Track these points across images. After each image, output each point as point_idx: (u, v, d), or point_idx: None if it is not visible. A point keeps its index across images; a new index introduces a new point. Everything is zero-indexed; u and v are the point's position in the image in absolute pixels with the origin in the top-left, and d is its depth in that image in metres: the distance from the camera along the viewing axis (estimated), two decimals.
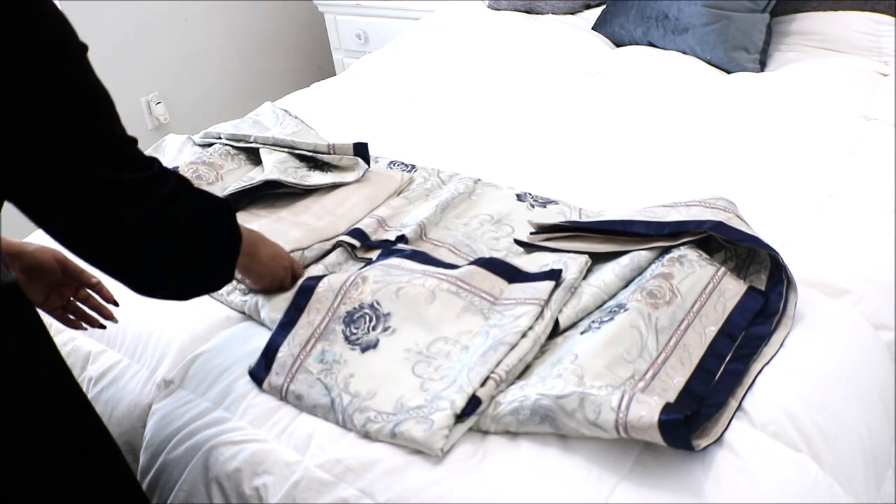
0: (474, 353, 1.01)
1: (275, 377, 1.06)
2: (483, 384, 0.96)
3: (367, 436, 0.97)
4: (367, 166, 1.51)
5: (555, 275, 1.10)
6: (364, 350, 1.06)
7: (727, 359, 1.00)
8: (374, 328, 1.08)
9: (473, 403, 0.95)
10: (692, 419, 0.88)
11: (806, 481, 0.90)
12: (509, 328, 1.02)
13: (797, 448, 0.93)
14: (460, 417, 0.94)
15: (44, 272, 1.02)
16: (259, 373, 1.08)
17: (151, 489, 1.05)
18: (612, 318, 1.01)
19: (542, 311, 1.05)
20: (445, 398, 0.96)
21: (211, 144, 1.64)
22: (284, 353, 1.08)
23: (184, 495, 1.02)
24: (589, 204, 1.40)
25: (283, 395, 1.05)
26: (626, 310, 1.01)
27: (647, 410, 0.84)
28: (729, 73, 1.92)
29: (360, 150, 1.50)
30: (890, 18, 1.90)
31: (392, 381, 1.02)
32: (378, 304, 1.10)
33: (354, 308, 1.10)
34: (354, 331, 1.08)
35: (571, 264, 1.14)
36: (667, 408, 0.84)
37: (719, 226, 1.11)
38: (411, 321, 1.08)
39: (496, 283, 1.12)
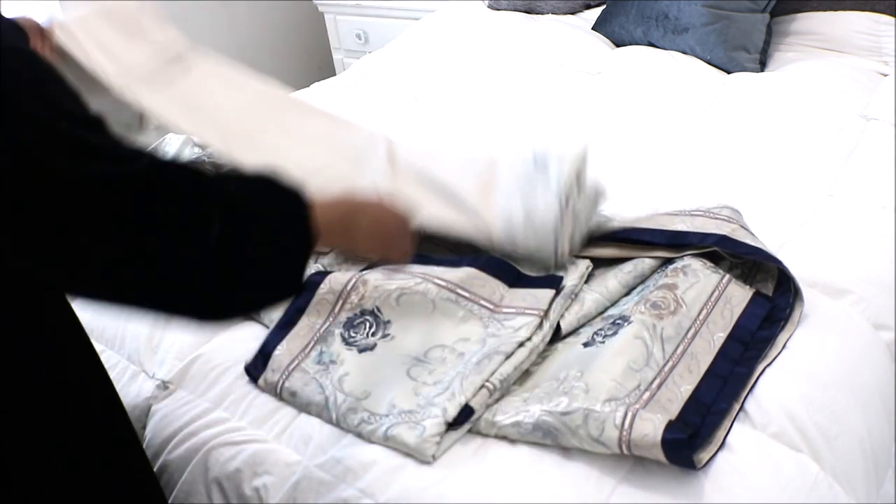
0: (469, 360, 1.01)
1: (270, 373, 1.06)
2: (476, 393, 0.96)
3: (360, 436, 0.97)
4: None
5: (555, 282, 1.10)
6: (361, 351, 1.06)
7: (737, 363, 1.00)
8: (373, 334, 1.08)
9: (466, 413, 0.95)
10: (695, 436, 0.88)
11: (806, 481, 0.90)
12: (507, 338, 1.02)
13: (797, 448, 0.93)
14: (452, 425, 0.94)
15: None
16: (255, 370, 1.08)
17: None
18: (615, 333, 1.00)
19: (541, 322, 1.05)
20: (438, 405, 0.95)
21: None
22: (282, 351, 1.08)
23: (184, 496, 1.02)
24: None
25: (277, 392, 1.05)
26: (629, 323, 1.00)
27: (650, 429, 0.84)
28: (729, 73, 1.91)
29: None
30: (890, 18, 1.89)
31: (386, 383, 1.01)
32: (379, 310, 1.10)
33: (355, 314, 1.10)
34: (353, 335, 1.08)
35: (572, 269, 1.13)
36: (670, 426, 0.84)
37: (723, 240, 1.10)
38: (411, 329, 1.08)
39: (496, 289, 1.11)
